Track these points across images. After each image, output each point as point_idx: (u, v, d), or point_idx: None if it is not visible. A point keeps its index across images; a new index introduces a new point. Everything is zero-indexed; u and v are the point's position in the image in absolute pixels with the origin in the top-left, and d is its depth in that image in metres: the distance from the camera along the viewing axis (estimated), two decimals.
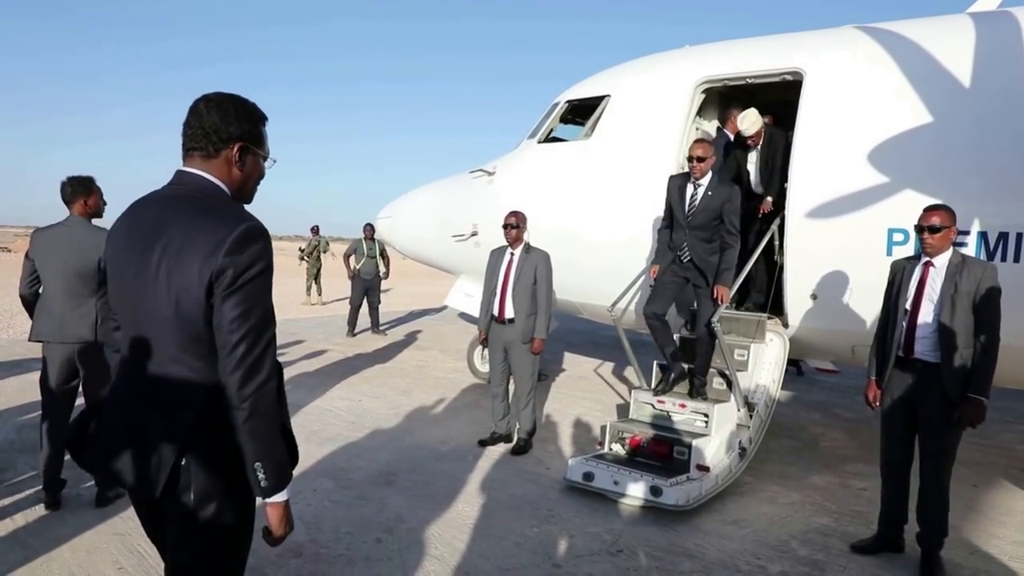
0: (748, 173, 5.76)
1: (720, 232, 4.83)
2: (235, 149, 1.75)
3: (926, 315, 3.55)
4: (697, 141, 4.82)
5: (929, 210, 3.58)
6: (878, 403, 3.81)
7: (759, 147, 5.61)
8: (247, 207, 1.82)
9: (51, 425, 3.98)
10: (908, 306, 3.63)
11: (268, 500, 1.69)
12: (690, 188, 4.86)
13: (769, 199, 5.50)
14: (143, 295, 1.68)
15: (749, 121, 5.45)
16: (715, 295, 4.80)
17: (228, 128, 1.73)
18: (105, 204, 4.10)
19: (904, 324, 3.62)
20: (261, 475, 1.65)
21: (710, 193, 4.76)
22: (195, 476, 1.65)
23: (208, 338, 1.64)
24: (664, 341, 5.14)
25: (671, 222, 5.02)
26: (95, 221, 4.04)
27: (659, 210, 5.49)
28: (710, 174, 4.80)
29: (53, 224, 3.97)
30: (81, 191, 3.94)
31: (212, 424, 1.65)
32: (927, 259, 3.61)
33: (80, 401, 4.08)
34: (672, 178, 5.04)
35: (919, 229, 3.57)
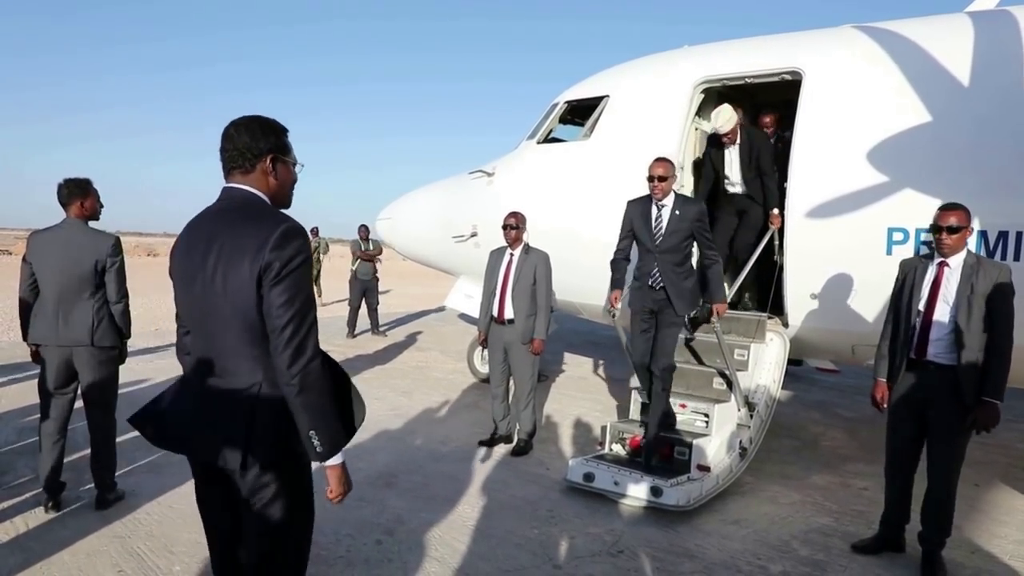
0: (724, 173, 5.63)
1: (689, 254, 4.63)
2: (267, 161, 2.01)
3: (941, 316, 3.46)
4: (657, 160, 4.51)
5: (946, 209, 3.47)
6: (886, 404, 3.74)
7: (738, 145, 5.48)
8: (287, 211, 2.08)
9: (49, 428, 3.97)
10: (921, 307, 3.54)
11: (325, 464, 1.92)
12: (654, 210, 4.60)
13: (776, 211, 5.28)
14: (205, 298, 1.93)
15: (724, 118, 5.30)
16: (712, 313, 4.69)
17: (258, 144, 1.99)
18: (102, 206, 4.08)
19: (917, 325, 3.54)
20: (316, 442, 1.87)
21: (677, 213, 4.52)
22: (260, 448, 1.89)
23: (261, 328, 1.88)
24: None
25: (628, 252, 4.76)
26: (92, 223, 4.02)
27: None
28: (672, 194, 4.56)
29: (49, 227, 3.96)
30: (77, 193, 3.92)
31: (271, 403, 1.90)
32: (941, 259, 3.52)
33: (79, 404, 4.07)
34: (631, 203, 4.71)
35: (935, 229, 3.47)
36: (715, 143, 5.62)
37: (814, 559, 3.68)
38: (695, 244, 4.69)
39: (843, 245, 4.91)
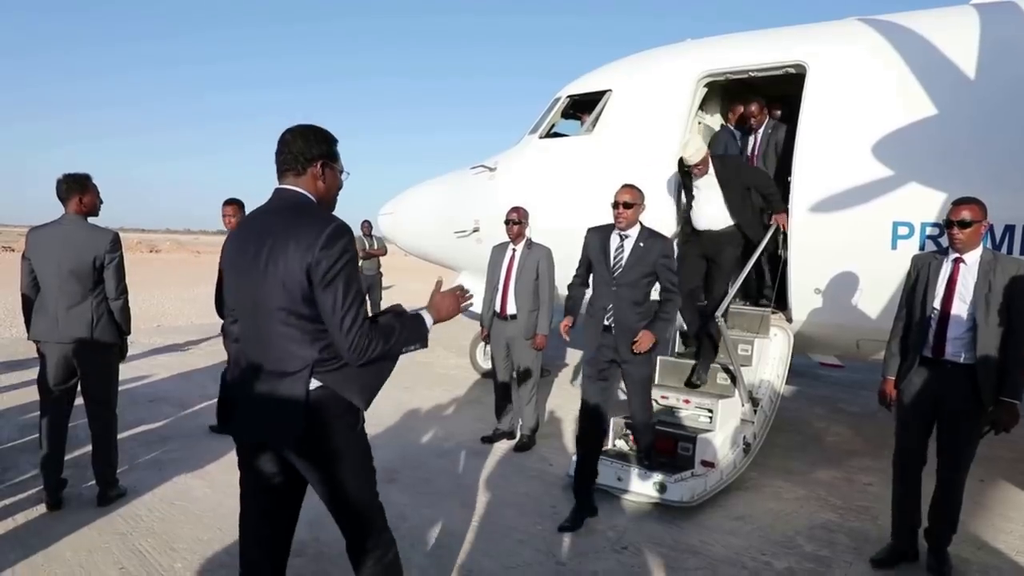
0: (692, 206, 5.25)
1: (649, 294, 4.13)
2: (318, 166, 2.20)
3: (959, 314, 3.34)
4: (624, 186, 4.06)
5: (959, 204, 3.35)
6: (893, 404, 3.65)
7: (713, 175, 5.02)
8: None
9: (50, 424, 3.96)
10: (937, 304, 3.41)
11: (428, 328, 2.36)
12: (615, 240, 4.11)
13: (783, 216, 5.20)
14: (257, 288, 2.10)
15: (692, 148, 4.92)
16: (638, 342, 3.97)
17: (311, 150, 2.18)
18: (101, 202, 4.05)
19: (933, 323, 3.42)
20: (416, 346, 2.31)
21: (641, 245, 4.04)
22: (315, 428, 2.09)
23: (308, 315, 2.07)
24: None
25: (586, 280, 4.34)
26: (91, 219, 3.99)
27: (660, 205, 5.46)
28: (638, 225, 4.10)
29: (48, 223, 3.94)
30: (76, 189, 3.89)
31: (320, 377, 2.09)
32: (956, 255, 3.39)
33: (80, 401, 4.06)
34: (591, 232, 4.23)
35: (948, 224, 3.37)
36: (683, 173, 5.20)
37: (819, 555, 3.65)
38: (657, 284, 4.15)
39: (848, 239, 4.88)
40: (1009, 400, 3.24)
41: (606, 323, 4.10)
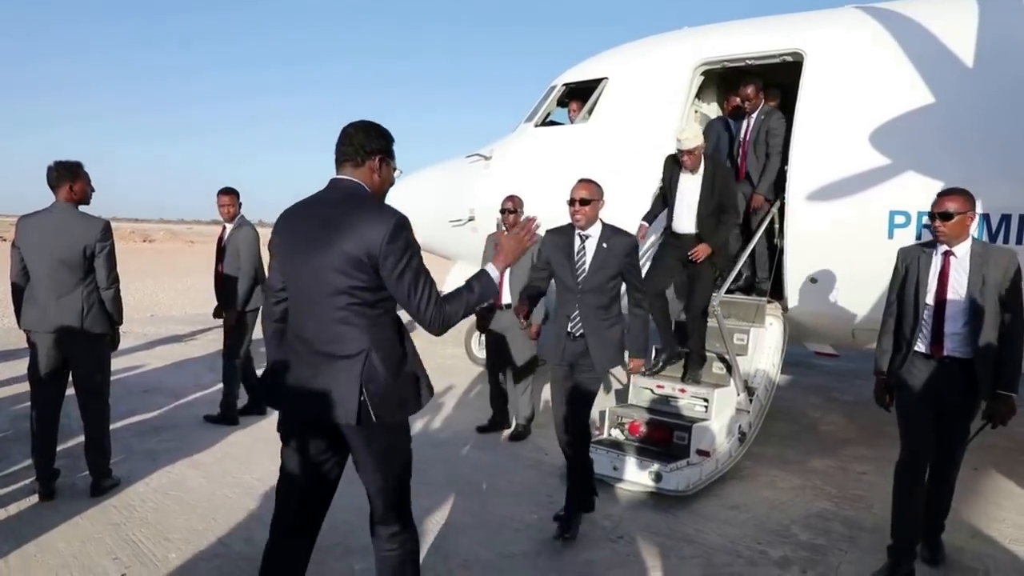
0: (674, 204, 4.98)
1: (617, 295, 3.78)
2: (376, 160, 2.34)
3: (955, 310, 3.23)
4: (581, 181, 3.73)
5: (943, 195, 3.25)
6: (890, 403, 3.52)
7: (701, 175, 4.82)
8: None
9: (41, 414, 3.92)
10: (930, 300, 3.30)
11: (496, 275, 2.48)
12: (576, 241, 3.74)
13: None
14: (319, 271, 2.21)
15: (691, 132, 4.73)
16: (631, 367, 3.93)
17: (371, 144, 2.33)
18: (93, 190, 3.99)
19: (928, 319, 3.31)
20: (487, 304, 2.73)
21: (604, 245, 3.68)
22: (371, 401, 2.21)
23: (368, 301, 2.22)
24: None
25: (543, 285, 3.93)
26: (83, 208, 3.94)
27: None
28: (599, 223, 3.75)
29: (38, 211, 3.88)
30: (67, 176, 3.83)
31: (379, 367, 2.23)
32: (946, 248, 3.26)
33: (71, 391, 4.03)
34: (550, 233, 3.85)
35: (931, 216, 3.25)
36: (674, 164, 4.98)
37: (814, 543, 3.66)
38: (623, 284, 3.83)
39: (844, 228, 4.86)
40: (1006, 393, 3.19)
41: (571, 330, 3.72)
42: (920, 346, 3.35)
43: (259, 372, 5.53)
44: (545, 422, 5.73)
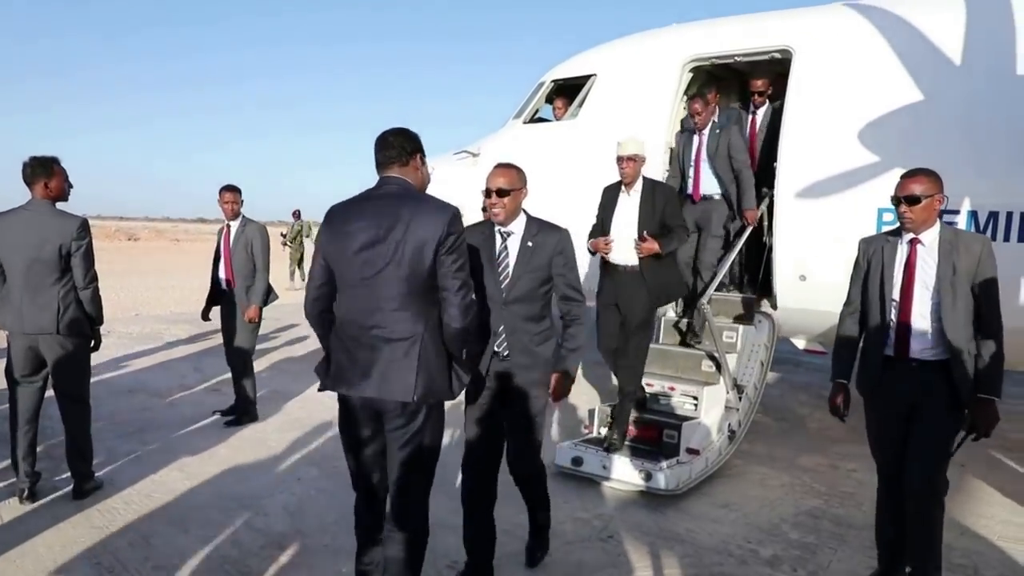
0: (610, 225, 4.54)
1: (548, 304, 3.17)
2: (417, 158, 2.60)
3: (922, 304, 2.90)
4: (498, 166, 3.15)
5: (907, 177, 2.93)
6: (847, 411, 3.16)
7: (639, 193, 4.47)
8: None
9: (20, 417, 3.84)
10: (896, 295, 2.96)
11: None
12: (498, 241, 3.13)
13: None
14: (377, 261, 2.42)
15: (629, 138, 4.45)
16: (552, 392, 3.19)
17: (410, 145, 2.58)
18: (71, 187, 3.90)
19: (894, 317, 2.97)
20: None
21: (530, 244, 3.05)
22: (422, 383, 2.44)
23: (425, 289, 2.45)
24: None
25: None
26: (60, 205, 3.85)
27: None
28: (522, 216, 3.12)
29: (13, 208, 3.78)
30: (41, 172, 3.73)
31: (431, 351, 2.47)
32: (912, 236, 2.95)
33: (50, 393, 3.95)
34: (472, 228, 3.11)
35: (895, 201, 2.94)
36: (611, 192, 4.65)
37: (804, 542, 3.66)
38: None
39: (832, 226, 4.86)
40: (987, 397, 2.85)
41: (497, 349, 3.07)
42: (889, 349, 3.01)
43: (257, 373, 5.54)
44: None
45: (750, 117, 5.67)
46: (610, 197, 4.64)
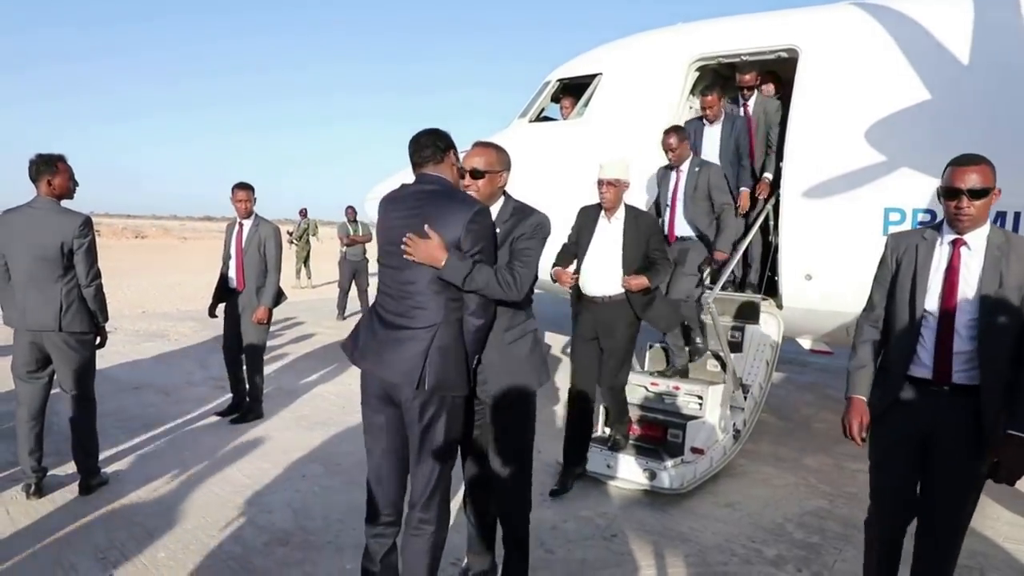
0: (582, 255, 4.27)
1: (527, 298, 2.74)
2: (452, 155, 2.65)
3: (965, 319, 2.40)
4: (476, 145, 2.83)
5: (964, 164, 2.42)
6: (866, 433, 2.66)
7: (622, 221, 4.17)
8: None
9: (25, 412, 3.85)
10: (934, 306, 2.45)
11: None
12: None
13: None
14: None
15: (613, 160, 4.18)
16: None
17: (443, 143, 2.63)
18: (76, 184, 3.91)
19: (932, 334, 2.46)
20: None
21: (498, 231, 2.71)
22: (430, 372, 2.45)
23: (446, 285, 2.49)
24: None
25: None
26: (65, 203, 3.85)
27: (651, 191, 5.39)
28: (501, 200, 2.83)
29: (19, 206, 3.80)
30: (46, 170, 3.75)
31: (445, 342, 2.49)
32: (956, 235, 2.45)
33: (56, 390, 3.96)
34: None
35: (950, 193, 2.41)
36: (587, 213, 4.37)
37: (809, 542, 3.65)
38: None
39: (839, 225, 4.84)
40: (1017, 434, 2.33)
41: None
42: (917, 369, 2.50)
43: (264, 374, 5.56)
44: (538, 419, 5.68)
45: (742, 109, 5.58)
46: (587, 220, 4.29)
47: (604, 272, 4.19)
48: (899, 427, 2.57)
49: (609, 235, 4.20)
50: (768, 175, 5.40)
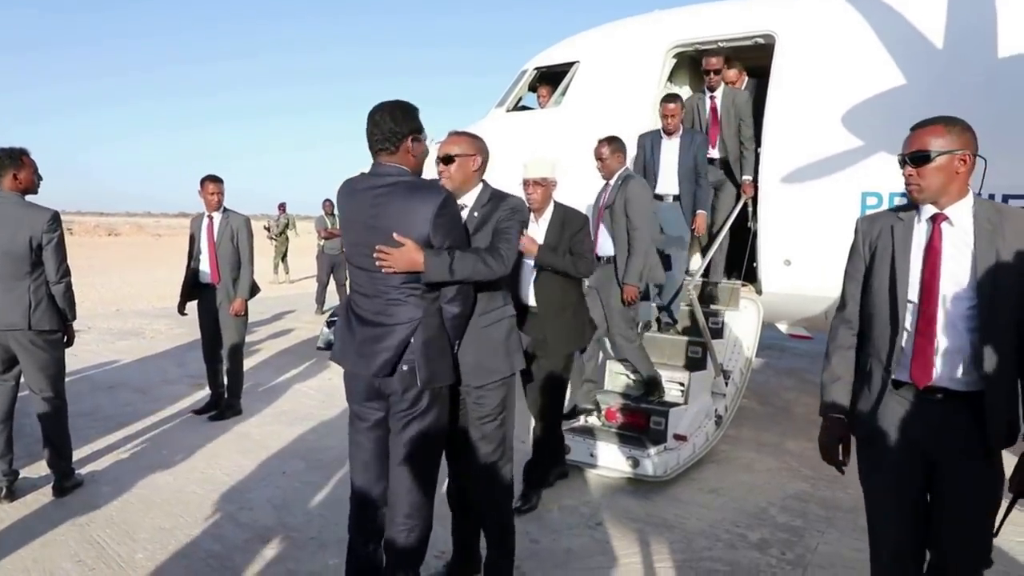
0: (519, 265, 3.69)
1: (495, 283, 2.68)
2: (409, 141, 2.48)
3: (951, 309, 2.00)
4: (452, 134, 2.85)
5: (916, 127, 2.10)
6: (848, 459, 2.27)
7: (548, 221, 3.78)
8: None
9: None
10: (914, 295, 2.05)
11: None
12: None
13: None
14: (373, 252, 2.39)
15: (537, 159, 3.86)
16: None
17: (401, 128, 2.46)
18: (40, 179, 3.82)
19: (910, 327, 2.07)
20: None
21: (476, 215, 2.70)
22: (421, 367, 2.42)
23: (420, 287, 2.42)
24: None
25: None
26: (30, 197, 3.76)
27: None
28: (478, 187, 2.77)
29: None
30: (9, 164, 3.65)
31: (426, 338, 2.44)
32: (933, 210, 2.07)
33: (25, 392, 3.87)
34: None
35: (901, 162, 2.09)
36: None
37: (792, 525, 3.67)
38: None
39: (816, 211, 4.86)
40: None
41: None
42: (902, 373, 2.10)
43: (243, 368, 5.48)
44: (521, 409, 5.67)
45: (708, 100, 5.55)
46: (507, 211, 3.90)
47: (526, 279, 3.76)
48: (889, 450, 2.12)
49: (536, 235, 3.74)
50: (748, 177, 5.30)
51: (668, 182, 5.11)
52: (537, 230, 3.80)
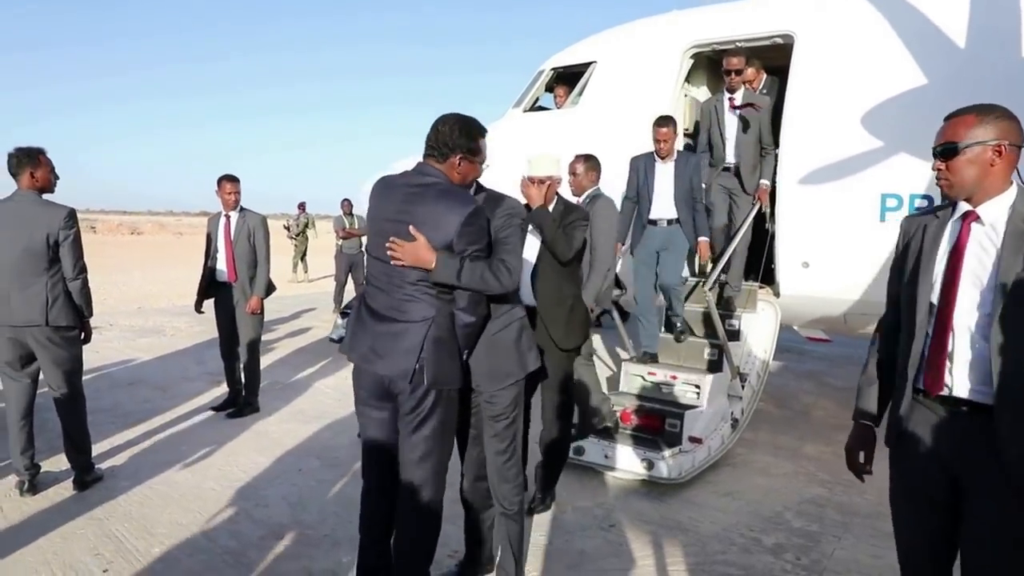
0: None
1: None
2: (457, 158, 2.52)
3: (972, 313, 1.86)
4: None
5: (949, 117, 2.00)
6: (869, 467, 2.20)
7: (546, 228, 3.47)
8: None
9: (13, 412, 3.81)
10: (935, 297, 1.94)
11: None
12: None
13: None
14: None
15: (540, 156, 3.70)
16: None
17: (455, 141, 2.50)
18: (57, 178, 3.87)
19: (929, 330, 1.95)
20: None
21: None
22: (428, 366, 2.43)
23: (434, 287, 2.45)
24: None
25: None
26: (47, 196, 3.81)
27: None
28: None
29: (1, 200, 3.76)
30: (27, 163, 3.71)
31: (438, 337, 2.46)
32: (966, 208, 1.93)
33: (45, 389, 3.92)
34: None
35: (933, 155, 1.99)
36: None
37: (808, 530, 3.63)
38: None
39: (836, 212, 4.81)
40: None
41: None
42: (918, 380, 1.99)
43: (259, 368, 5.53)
44: (536, 410, 5.67)
45: (728, 101, 5.43)
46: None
47: (524, 279, 3.44)
48: (911, 460, 1.99)
49: (536, 239, 3.51)
50: (765, 182, 5.13)
51: (663, 207, 4.98)
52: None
